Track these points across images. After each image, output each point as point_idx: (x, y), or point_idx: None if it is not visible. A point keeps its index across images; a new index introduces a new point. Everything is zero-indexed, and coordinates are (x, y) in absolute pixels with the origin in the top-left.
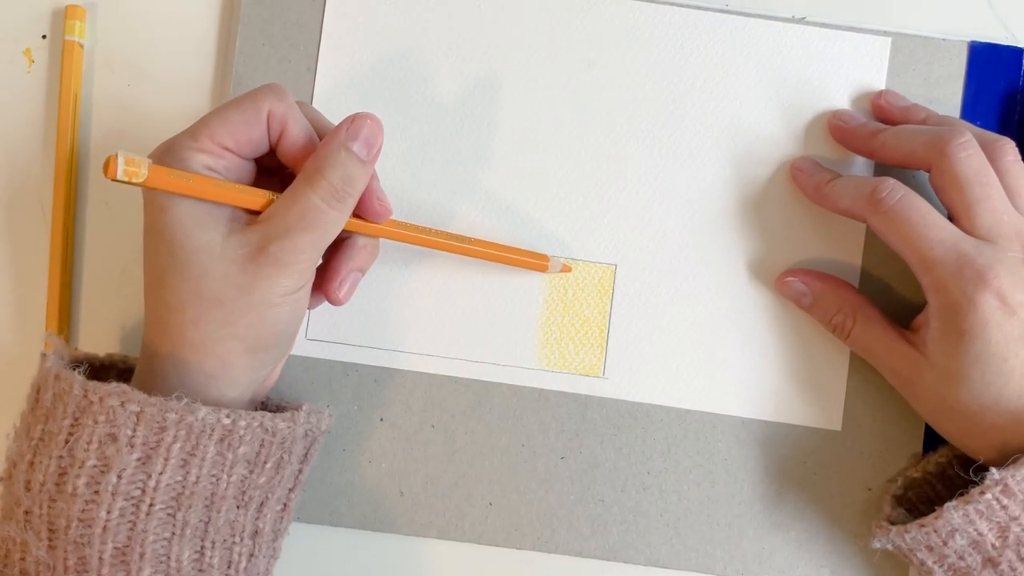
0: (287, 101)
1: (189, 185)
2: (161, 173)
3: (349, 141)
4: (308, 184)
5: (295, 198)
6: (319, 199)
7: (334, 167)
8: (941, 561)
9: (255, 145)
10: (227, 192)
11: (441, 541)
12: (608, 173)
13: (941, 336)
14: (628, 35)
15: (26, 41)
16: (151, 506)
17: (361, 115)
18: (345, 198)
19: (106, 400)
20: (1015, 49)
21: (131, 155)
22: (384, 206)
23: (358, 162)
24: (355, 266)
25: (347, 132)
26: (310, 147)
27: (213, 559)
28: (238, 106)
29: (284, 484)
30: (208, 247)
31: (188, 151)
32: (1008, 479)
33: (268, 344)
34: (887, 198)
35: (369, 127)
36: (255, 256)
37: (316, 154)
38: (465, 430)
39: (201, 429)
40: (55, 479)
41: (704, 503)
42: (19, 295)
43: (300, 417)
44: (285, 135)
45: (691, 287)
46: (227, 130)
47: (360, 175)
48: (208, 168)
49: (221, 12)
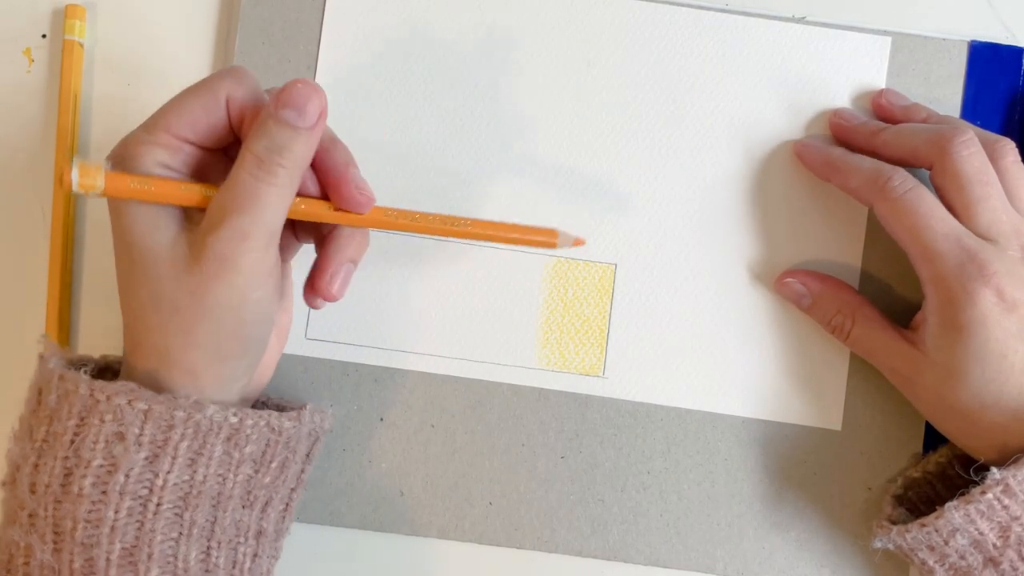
0: (247, 84)
1: (144, 190)
2: (119, 181)
3: (279, 109)
4: (237, 163)
5: (227, 182)
6: (246, 174)
7: (257, 138)
8: (942, 561)
9: (217, 133)
10: (180, 187)
11: (441, 541)
12: (608, 173)
13: (939, 332)
14: (628, 35)
15: (26, 41)
16: (159, 505)
17: (290, 82)
18: (273, 168)
19: (113, 399)
20: (1015, 49)
21: (85, 164)
22: (365, 195)
23: (289, 128)
24: (345, 257)
25: (274, 101)
26: None
27: (219, 559)
28: (194, 93)
29: (288, 484)
30: (158, 250)
31: (142, 146)
32: (1009, 479)
33: (235, 353)
34: (898, 187)
35: (299, 91)
36: (197, 255)
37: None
38: (465, 430)
39: (209, 428)
40: (60, 480)
41: (704, 503)
42: (19, 296)
43: (305, 416)
44: (248, 121)
45: (691, 287)
46: (184, 120)
47: (294, 141)
48: (163, 165)
49: (221, 12)
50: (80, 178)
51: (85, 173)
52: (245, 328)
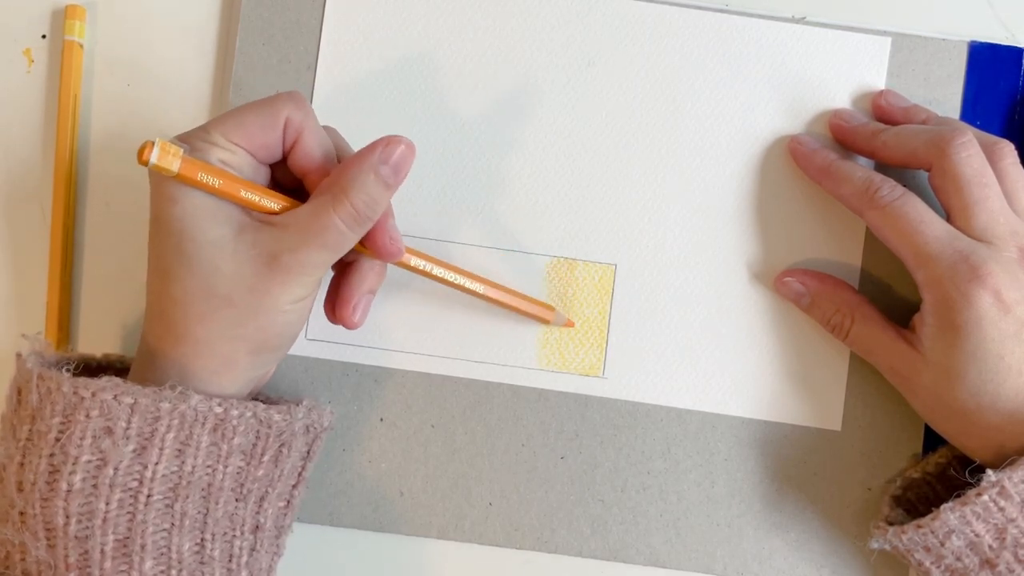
0: (305, 110)
1: (216, 184)
2: (192, 167)
3: (380, 164)
4: (332, 202)
5: (316, 213)
6: (340, 220)
7: (360, 190)
8: (938, 562)
9: (269, 150)
10: (253, 191)
11: (441, 541)
12: (608, 173)
13: (936, 333)
14: (628, 35)
15: (26, 41)
16: (149, 496)
17: (396, 139)
18: (365, 222)
19: (99, 395)
20: (1015, 49)
21: (167, 143)
22: (396, 245)
23: (384, 186)
24: (366, 289)
25: (380, 155)
26: (324, 161)
27: (214, 552)
28: (256, 109)
29: (286, 479)
30: (219, 243)
31: (203, 143)
32: (1004, 481)
33: (273, 346)
34: (887, 195)
35: (402, 152)
36: (268, 262)
37: (344, 172)
38: (465, 430)
39: (194, 418)
40: (46, 477)
41: (704, 503)
42: (19, 295)
43: (299, 411)
44: (300, 144)
45: (691, 287)
46: (242, 132)
47: (383, 199)
48: (223, 163)
49: (221, 12)
50: (160, 156)
51: (165, 152)
52: (288, 327)
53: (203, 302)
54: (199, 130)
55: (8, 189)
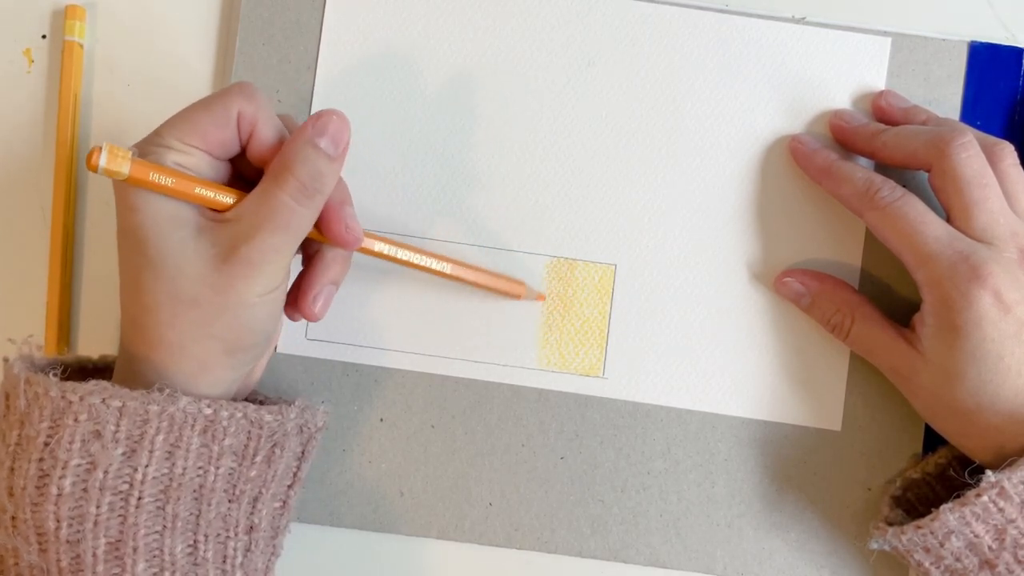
0: (257, 102)
1: (169, 184)
2: (143, 168)
3: (316, 137)
4: (276, 182)
5: (264, 197)
6: (288, 197)
7: (302, 163)
8: (938, 563)
9: (225, 147)
10: (207, 187)
11: (441, 541)
12: (608, 173)
13: (936, 333)
14: (628, 35)
15: (26, 41)
16: (140, 499)
17: (326, 111)
18: (314, 195)
19: (87, 399)
20: (1015, 49)
21: (115, 147)
22: (353, 234)
23: (326, 158)
24: (328, 279)
25: (313, 128)
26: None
27: (207, 553)
28: (206, 107)
29: (280, 480)
30: (181, 246)
31: (158, 148)
32: (1004, 482)
33: (246, 344)
34: (887, 196)
35: (335, 123)
36: (227, 257)
37: (283, 152)
38: (465, 430)
39: (183, 420)
40: (36, 482)
41: (704, 503)
42: (19, 295)
43: (291, 412)
44: (255, 136)
45: (691, 287)
46: (195, 132)
47: (328, 171)
48: (179, 165)
49: (221, 12)
50: (108, 160)
51: (114, 156)
52: (259, 323)
53: (171, 306)
54: (152, 135)
55: (8, 189)
